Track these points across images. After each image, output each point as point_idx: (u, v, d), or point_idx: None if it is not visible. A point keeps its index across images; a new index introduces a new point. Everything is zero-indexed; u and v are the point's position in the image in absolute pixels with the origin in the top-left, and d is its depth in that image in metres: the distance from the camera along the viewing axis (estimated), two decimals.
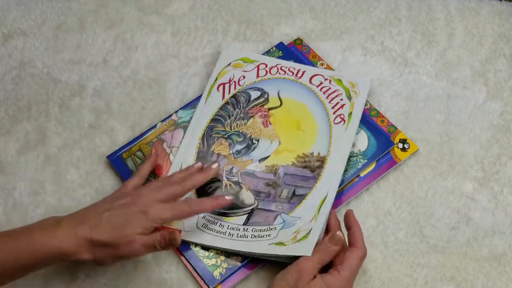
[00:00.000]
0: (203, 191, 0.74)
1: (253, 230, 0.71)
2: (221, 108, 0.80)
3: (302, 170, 0.75)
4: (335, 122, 0.78)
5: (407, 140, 0.79)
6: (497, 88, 0.83)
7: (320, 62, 0.85)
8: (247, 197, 0.74)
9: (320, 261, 0.64)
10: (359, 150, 0.77)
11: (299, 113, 0.79)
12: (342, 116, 0.78)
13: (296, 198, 0.73)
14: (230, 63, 0.84)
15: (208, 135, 0.78)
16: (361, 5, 0.91)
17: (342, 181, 0.75)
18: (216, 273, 0.71)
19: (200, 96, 0.82)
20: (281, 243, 0.69)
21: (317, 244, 0.66)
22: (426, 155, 0.78)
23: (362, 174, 0.76)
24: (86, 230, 0.62)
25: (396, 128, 0.80)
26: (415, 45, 0.87)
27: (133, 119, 0.83)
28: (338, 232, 0.66)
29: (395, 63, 0.86)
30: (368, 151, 0.77)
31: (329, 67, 0.85)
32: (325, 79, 0.81)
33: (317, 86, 0.81)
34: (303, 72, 0.82)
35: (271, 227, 0.71)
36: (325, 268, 0.65)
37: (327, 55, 0.86)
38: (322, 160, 0.75)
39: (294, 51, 0.86)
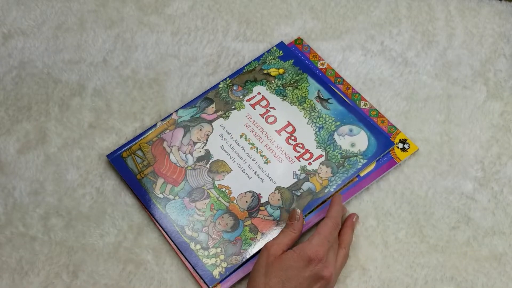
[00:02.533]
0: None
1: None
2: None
3: None
4: None
5: (407, 140, 0.79)
6: (497, 88, 0.83)
7: (321, 62, 0.85)
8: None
9: (286, 239, 0.67)
10: (359, 150, 0.77)
11: None
12: None
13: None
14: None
15: None
16: (361, 5, 0.91)
17: (342, 181, 0.75)
18: (216, 273, 0.71)
19: (200, 95, 0.83)
20: None
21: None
22: (426, 155, 0.78)
23: (362, 174, 0.76)
24: None
25: (397, 129, 0.80)
26: (415, 45, 0.87)
27: (133, 119, 0.83)
28: (295, 209, 0.70)
29: (395, 63, 0.86)
30: (368, 151, 0.77)
31: (329, 67, 0.85)
32: None
33: None
34: None
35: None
36: None
37: (327, 55, 0.86)
38: None
39: (294, 51, 0.86)
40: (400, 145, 0.78)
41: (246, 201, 0.75)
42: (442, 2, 0.90)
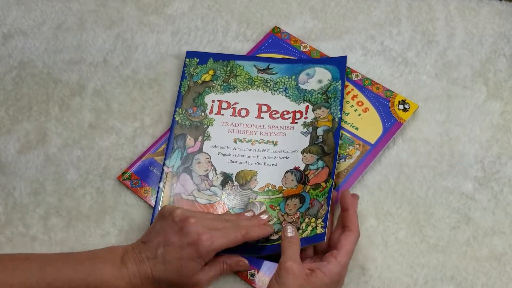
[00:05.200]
0: None
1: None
2: None
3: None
4: None
5: (406, 101, 0.81)
6: (497, 88, 0.83)
7: (303, 45, 0.87)
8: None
9: (295, 253, 0.64)
10: (328, 79, 0.82)
11: None
12: None
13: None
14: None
15: None
16: (361, 5, 0.91)
17: (340, 104, 0.79)
18: (320, 231, 0.70)
19: (169, 137, 0.79)
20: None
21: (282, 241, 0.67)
22: (426, 155, 0.78)
23: (372, 142, 0.77)
24: (147, 270, 0.64)
25: (393, 92, 0.82)
26: (415, 45, 0.87)
27: (133, 119, 0.83)
28: (285, 225, 0.68)
29: (395, 63, 0.86)
30: (334, 76, 0.81)
31: (312, 48, 0.86)
32: None
33: None
34: None
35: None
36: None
37: (327, 55, 0.86)
38: None
39: (275, 41, 0.87)
40: (401, 106, 0.80)
41: (292, 179, 0.75)
42: (442, 2, 0.90)
